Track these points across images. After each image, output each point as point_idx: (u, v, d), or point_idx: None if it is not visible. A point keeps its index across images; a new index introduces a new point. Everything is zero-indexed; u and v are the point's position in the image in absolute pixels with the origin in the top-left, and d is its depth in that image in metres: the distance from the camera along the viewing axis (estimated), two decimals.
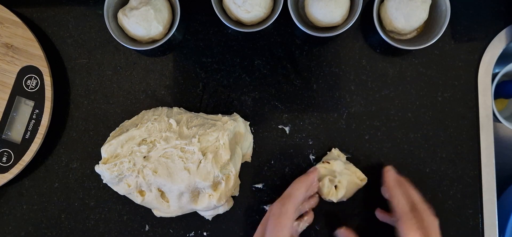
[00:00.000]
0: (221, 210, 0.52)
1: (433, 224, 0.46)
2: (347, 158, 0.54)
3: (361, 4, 0.51)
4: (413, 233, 0.45)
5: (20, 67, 0.53)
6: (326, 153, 0.54)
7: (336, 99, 0.55)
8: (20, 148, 0.52)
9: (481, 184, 0.54)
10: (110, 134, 0.52)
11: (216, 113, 0.53)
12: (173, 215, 0.51)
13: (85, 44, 0.56)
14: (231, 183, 0.49)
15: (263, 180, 0.54)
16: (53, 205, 0.55)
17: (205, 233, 0.54)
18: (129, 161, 0.48)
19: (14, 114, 0.53)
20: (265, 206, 0.54)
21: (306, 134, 0.55)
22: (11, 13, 0.53)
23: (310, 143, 0.55)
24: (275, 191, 0.54)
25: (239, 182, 0.52)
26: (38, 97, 0.53)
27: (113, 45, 0.56)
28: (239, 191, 0.53)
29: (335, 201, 0.51)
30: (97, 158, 0.51)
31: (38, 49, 0.53)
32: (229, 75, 0.55)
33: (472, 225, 0.53)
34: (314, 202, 0.51)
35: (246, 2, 0.50)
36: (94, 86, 0.56)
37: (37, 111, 0.52)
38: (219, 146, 0.48)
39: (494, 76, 0.56)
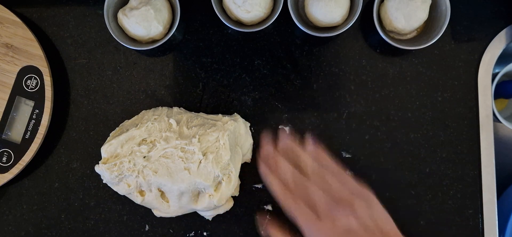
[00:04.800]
0: (221, 210, 0.52)
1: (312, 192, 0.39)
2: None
3: (361, 4, 0.51)
4: (295, 213, 0.39)
5: (20, 67, 0.53)
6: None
7: (336, 99, 0.55)
8: (20, 148, 0.52)
9: (481, 184, 0.54)
10: (110, 134, 0.52)
11: (216, 113, 0.53)
12: (173, 215, 0.51)
13: (85, 44, 0.56)
14: (231, 183, 0.49)
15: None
16: (53, 205, 0.55)
17: (205, 233, 0.54)
18: (129, 161, 0.48)
19: (14, 114, 0.53)
20: (265, 206, 0.54)
21: (306, 134, 0.55)
22: (11, 13, 0.53)
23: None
24: None
25: (239, 182, 0.52)
26: (38, 97, 0.53)
27: (113, 45, 0.56)
28: (239, 191, 0.53)
29: None
30: (97, 158, 0.51)
31: (38, 49, 0.53)
32: (229, 75, 0.55)
33: (472, 225, 0.53)
34: None
35: (246, 2, 0.50)
36: (94, 86, 0.56)
37: (37, 111, 0.52)
38: (219, 146, 0.48)
39: (494, 76, 0.56)
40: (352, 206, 0.39)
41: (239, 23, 0.53)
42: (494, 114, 0.55)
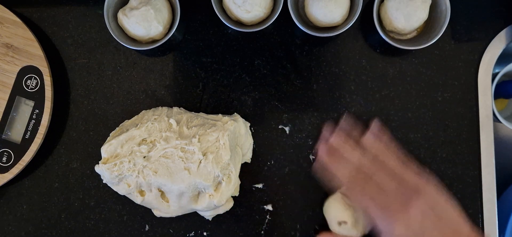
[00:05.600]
0: (221, 210, 0.52)
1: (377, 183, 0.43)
2: None
3: (361, 4, 0.51)
4: (359, 198, 0.44)
5: (20, 67, 0.53)
6: None
7: (336, 99, 0.55)
8: (20, 148, 0.52)
9: (481, 184, 0.54)
10: (110, 134, 0.52)
11: (216, 113, 0.53)
12: (173, 215, 0.51)
13: (85, 44, 0.56)
14: (231, 183, 0.49)
15: (263, 180, 0.54)
16: (53, 205, 0.55)
17: (205, 233, 0.54)
18: (129, 161, 0.48)
19: (14, 114, 0.53)
20: (265, 206, 0.54)
21: (306, 134, 0.55)
22: (11, 13, 0.53)
23: (310, 143, 0.55)
24: (275, 191, 0.54)
25: (239, 182, 0.52)
26: (38, 97, 0.53)
27: (113, 45, 0.56)
28: (239, 191, 0.53)
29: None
30: (97, 158, 0.51)
31: (38, 49, 0.53)
32: (229, 75, 0.55)
33: (472, 225, 0.53)
34: None
35: (246, 2, 0.50)
36: (94, 86, 0.56)
37: (37, 111, 0.52)
38: (220, 146, 0.48)
39: (494, 76, 0.56)
40: (419, 192, 0.42)
41: (239, 23, 0.53)
42: (494, 114, 0.55)
